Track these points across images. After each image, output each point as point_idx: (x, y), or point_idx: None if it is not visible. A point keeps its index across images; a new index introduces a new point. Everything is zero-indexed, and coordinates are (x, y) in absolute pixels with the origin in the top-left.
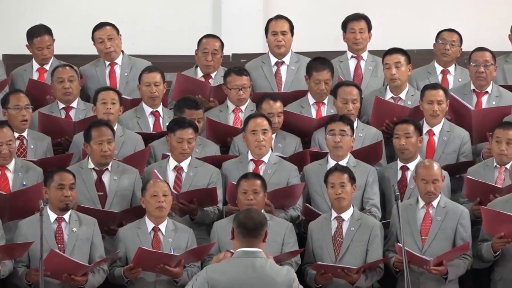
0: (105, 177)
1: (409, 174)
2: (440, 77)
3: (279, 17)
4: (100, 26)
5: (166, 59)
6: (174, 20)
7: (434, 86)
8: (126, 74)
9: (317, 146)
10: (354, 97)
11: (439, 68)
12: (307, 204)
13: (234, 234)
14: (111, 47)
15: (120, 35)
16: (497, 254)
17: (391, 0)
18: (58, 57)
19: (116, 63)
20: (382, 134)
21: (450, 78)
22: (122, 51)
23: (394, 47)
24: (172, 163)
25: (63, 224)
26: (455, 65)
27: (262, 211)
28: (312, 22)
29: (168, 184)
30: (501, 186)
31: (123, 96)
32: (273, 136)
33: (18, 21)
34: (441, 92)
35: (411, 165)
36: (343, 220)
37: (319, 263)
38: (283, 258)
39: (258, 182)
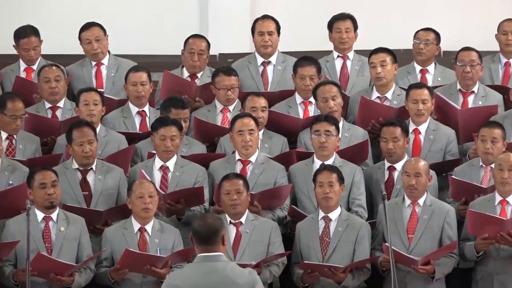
0: (90, 177)
1: (396, 175)
2: (419, 76)
3: (265, 17)
4: (87, 26)
5: (153, 59)
6: (160, 20)
7: (419, 86)
8: (112, 74)
9: (303, 146)
10: (333, 94)
11: (418, 68)
12: (293, 206)
13: (193, 241)
14: (98, 48)
15: (107, 36)
16: (480, 254)
17: (377, 0)
18: (45, 56)
19: (103, 64)
20: (368, 134)
21: (429, 77)
22: (109, 51)
23: (380, 46)
24: (158, 162)
25: (50, 223)
26: (435, 64)
27: (247, 211)
28: (298, 22)
29: (154, 184)
30: (485, 186)
31: (110, 96)
32: (260, 135)
33: (5, 21)
34: (425, 91)
35: (398, 165)
36: (331, 220)
37: (306, 262)
38: (270, 260)
39: (240, 182)
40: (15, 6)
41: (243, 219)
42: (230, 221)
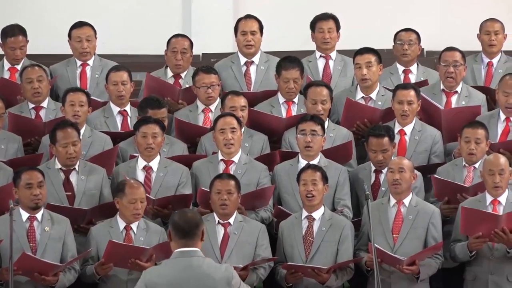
0: (73, 177)
1: (382, 177)
2: (402, 77)
3: (248, 17)
4: (80, 25)
5: (136, 59)
6: (143, 19)
7: (405, 86)
8: (97, 75)
9: (287, 146)
10: (323, 97)
11: (400, 68)
12: (279, 206)
13: (171, 236)
14: (88, 48)
15: (97, 38)
16: (473, 254)
17: (359, 0)
18: (28, 56)
19: (88, 64)
20: (353, 135)
21: (412, 78)
22: (94, 52)
23: (365, 46)
24: (141, 162)
25: (35, 223)
26: (417, 64)
27: (236, 212)
28: (281, 22)
29: (144, 188)
30: (468, 186)
31: (94, 97)
32: None
33: None
34: (412, 92)
35: (385, 168)
36: (314, 219)
37: (290, 263)
38: (258, 263)
39: (232, 182)
40: None
41: (231, 220)
42: (218, 221)
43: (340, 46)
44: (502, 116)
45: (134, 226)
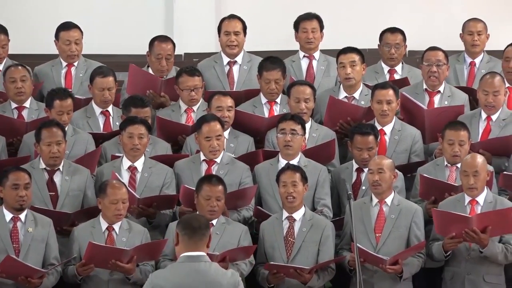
0: (57, 177)
1: (363, 176)
2: (387, 77)
3: (232, 17)
4: (68, 27)
5: (118, 58)
6: (126, 19)
7: (384, 86)
8: (81, 75)
9: (271, 146)
10: (306, 96)
11: (386, 68)
12: (258, 207)
13: (178, 238)
14: (76, 51)
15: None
16: (448, 254)
17: (343, 0)
18: (10, 56)
19: (73, 65)
20: (336, 134)
21: (397, 77)
22: None
23: (348, 46)
24: (125, 163)
25: (18, 224)
26: (402, 63)
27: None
28: (264, 22)
29: (126, 188)
30: (457, 184)
31: (77, 96)
32: (226, 135)
33: None
34: (390, 91)
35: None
36: (295, 220)
37: (272, 263)
38: (238, 256)
39: (221, 188)
40: None
41: (214, 221)
42: None
43: (324, 46)
44: (483, 115)
45: (116, 226)
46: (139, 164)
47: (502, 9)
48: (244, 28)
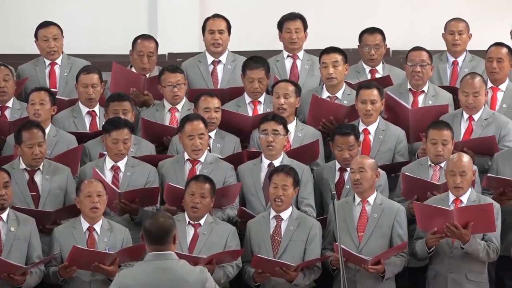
0: (37, 177)
1: (346, 175)
2: (369, 76)
3: (216, 16)
4: (46, 24)
5: (101, 58)
6: (109, 19)
7: (368, 86)
8: (65, 74)
9: (255, 145)
10: (287, 91)
11: (367, 68)
12: (242, 208)
13: (143, 239)
14: (55, 46)
15: (63, 37)
16: (431, 250)
17: (327, 0)
18: None
19: (56, 63)
20: (321, 134)
21: (379, 77)
22: (62, 51)
23: (331, 46)
24: (108, 162)
25: (0, 223)
26: (382, 63)
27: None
28: (249, 22)
29: (102, 183)
30: (439, 183)
31: (61, 97)
32: (212, 135)
33: None
34: (375, 91)
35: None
36: (282, 219)
37: (259, 255)
38: (224, 259)
39: (207, 186)
40: None
41: (202, 221)
42: (189, 221)
43: (309, 46)
44: (465, 115)
45: (97, 227)
46: (121, 163)
47: (485, 10)
48: (229, 27)
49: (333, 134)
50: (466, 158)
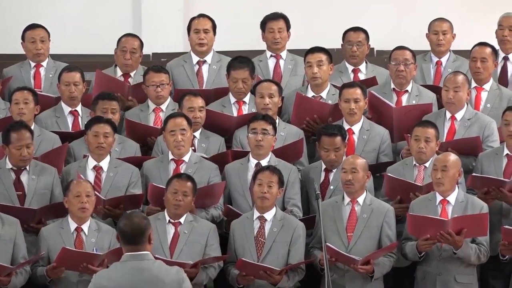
0: (24, 177)
1: (331, 176)
2: (351, 76)
3: (201, 15)
4: (33, 26)
5: (86, 59)
6: (94, 19)
7: (351, 85)
8: (50, 75)
9: (239, 145)
10: (271, 91)
11: (350, 67)
12: (229, 206)
13: (119, 239)
14: (42, 49)
15: (50, 40)
16: (422, 255)
17: (311, 0)
18: None
19: (42, 65)
20: (304, 132)
21: (362, 76)
22: (48, 54)
23: (316, 46)
24: (91, 162)
25: None
26: (366, 62)
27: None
28: (233, 22)
29: (91, 184)
30: (421, 185)
31: (47, 94)
32: (197, 135)
33: None
34: (358, 90)
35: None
36: (266, 220)
37: (244, 259)
38: (208, 262)
39: (189, 184)
40: None
41: (182, 220)
42: (169, 220)
43: (293, 46)
44: (448, 115)
45: (85, 227)
46: (104, 163)
47: (470, 10)
48: (214, 27)
49: (319, 134)
50: (452, 156)
